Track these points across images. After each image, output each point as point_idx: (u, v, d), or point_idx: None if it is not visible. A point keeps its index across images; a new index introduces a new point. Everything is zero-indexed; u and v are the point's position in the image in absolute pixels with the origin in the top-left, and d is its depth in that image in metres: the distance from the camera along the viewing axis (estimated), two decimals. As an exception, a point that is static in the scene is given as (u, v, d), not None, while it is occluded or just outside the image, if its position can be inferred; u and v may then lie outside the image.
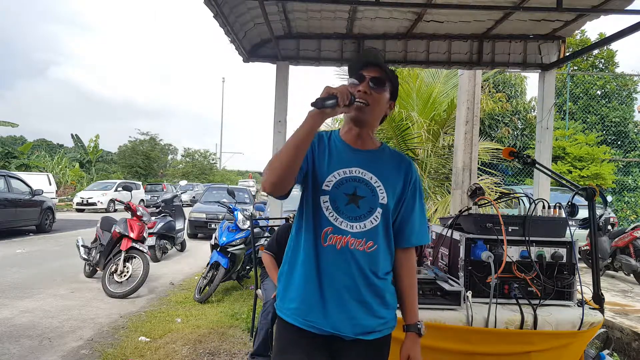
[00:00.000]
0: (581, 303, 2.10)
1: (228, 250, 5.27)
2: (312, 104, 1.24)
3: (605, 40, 4.68)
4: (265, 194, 1.34)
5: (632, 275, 6.25)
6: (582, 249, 6.63)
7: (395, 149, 1.59)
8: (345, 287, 1.37)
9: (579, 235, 2.82)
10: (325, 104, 1.23)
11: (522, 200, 2.40)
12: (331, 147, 1.46)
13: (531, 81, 18.53)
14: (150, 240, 7.44)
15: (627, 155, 12.94)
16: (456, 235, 2.27)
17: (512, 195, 3.12)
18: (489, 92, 13.42)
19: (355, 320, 1.37)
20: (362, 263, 1.39)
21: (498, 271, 2.05)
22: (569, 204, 2.21)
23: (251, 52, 4.43)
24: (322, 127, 1.49)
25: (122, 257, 5.52)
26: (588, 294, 2.18)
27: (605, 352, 2.38)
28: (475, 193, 2.46)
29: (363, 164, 1.45)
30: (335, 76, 15.62)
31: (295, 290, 1.40)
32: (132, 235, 5.62)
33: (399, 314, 1.52)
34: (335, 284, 1.37)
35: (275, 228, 3.32)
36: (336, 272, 1.37)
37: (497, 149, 8.97)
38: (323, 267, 1.38)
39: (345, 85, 1.31)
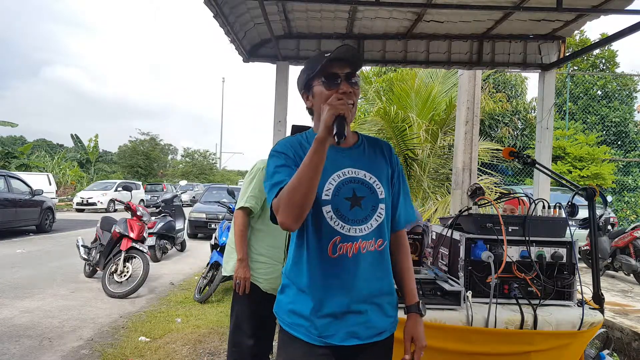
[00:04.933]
0: (581, 303, 2.09)
1: (228, 250, 5.27)
2: (339, 140, 1.16)
3: (605, 41, 4.68)
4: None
5: (632, 275, 6.26)
6: (582, 249, 6.63)
7: (370, 135, 1.55)
8: (362, 294, 1.34)
9: (579, 235, 2.82)
10: (345, 132, 1.17)
11: (522, 200, 2.40)
12: None
13: (531, 81, 18.54)
14: (150, 240, 7.45)
15: (627, 155, 12.94)
16: (456, 235, 2.27)
17: (512, 195, 3.12)
18: (489, 92, 13.42)
19: (369, 323, 1.36)
20: (375, 264, 1.37)
21: (498, 271, 2.05)
22: (569, 204, 2.21)
23: (251, 52, 4.42)
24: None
25: (122, 257, 5.52)
26: (588, 294, 2.18)
27: (605, 352, 2.38)
28: (475, 193, 2.46)
29: (353, 163, 1.40)
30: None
31: (308, 308, 1.32)
32: (132, 235, 5.62)
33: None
34: (352, 294, 1.33)
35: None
36: (352, 281, 1.33)
37: (497, 149, 8.97)
38: (335, 280, 1.32)
39: (340, 99, 1.22)
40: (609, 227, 6.77)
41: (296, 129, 2.67)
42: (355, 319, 1.33)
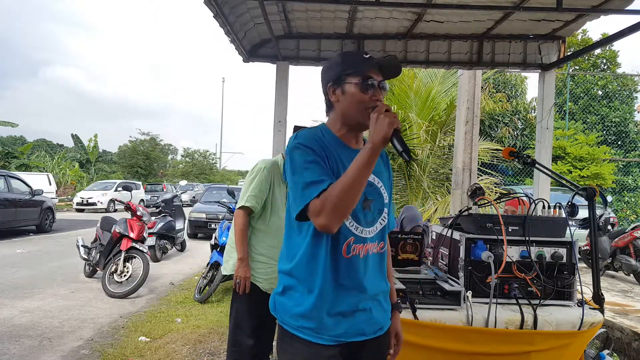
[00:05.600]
0: (581, 303, 2.10)
1: (228, 250, 5.26)
2: (410, 158, 1.21)
3: (605, 41, 4.68)
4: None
5: (632, 275, 6.26)
6: (582, 249, 6.63)
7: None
8: (370, 294, 1.38)
9: (579, 235, 2.83)
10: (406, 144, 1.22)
11: (522, 200, 2.40)
12: (336, 152, 1.37)
13: (531, 81, 18.55)
14: (150, 240, 7.45)
15: (627, 155, 12.94)
16: (456, 235, 2.27)
17: (512, 195, 3.12)
18: (489, 92, 13.42)
19: (373, 320, 1.39)
20: (379, 265, 1.42)
21: (498, 271, 2.05)
22: (569, 204, 2.21)
23: (251, 52, 4.42)
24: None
25: (122, 257, 5.52)
26: (588, 294, 2.19)
27: (605, 352, 2.38)
28: (475, 193, 2.46)
29: None
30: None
31: (317, 308, 1.32)
32: (132, 235, 5.62)
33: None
34: (362, 294, 1.36)
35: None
36: (362, 281, 1.35)
37: (497, 149, 8.97)
38: (347, 280, 1.34)
39: (389, 110, 1.23)
40: (609, 227, 6.77)
41: (298, 130, 2.68)
42: (362, 316, 1.37)
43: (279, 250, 2.46)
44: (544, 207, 2.34)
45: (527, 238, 2.14)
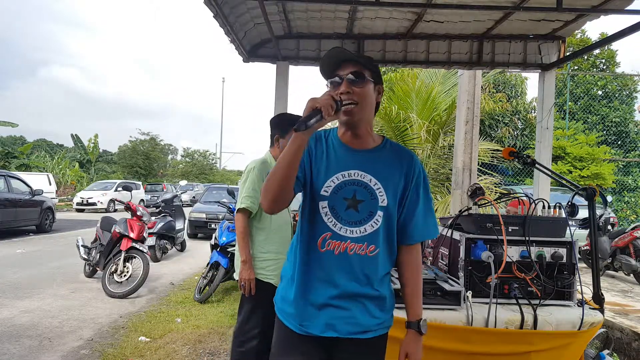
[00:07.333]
0: (581, 303, 2.09)
1: (228, 250, 5.26)
2: (296, 129, 1.18)
3: (605, 40, 4.68)
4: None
5: (632, 275, 6.26)
6: (582, 249, 6.63)
7: (398, 143, 1.55)
8: (343, 291, 1.37)
9: (579, 235, 2.82)
10: (308, 124, 1.18)
11: (522, 200, 2.40)
12: (329, 150, 1.42)
13: (531, 81, 18.55)
14: (150, 240, 7.44)
15: (627, 155, 12.95)
16: (456, 235, 2.27)
17: (512, 195, 3.11)
18: (489, 92, 13.42)
19: (352, 320, 1.38)
20: (361, 267, 1.38)
21: (498, 271, 2.05)
22: (569, 204, 2.21)
23: (251, 52, 4.43)
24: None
25: (122, 257, 5.52)
26: (588, 294, 2.18)
27: (605, 352, 2.38)
28: (475, 193, 2.46)
29: (362, 166, 1.41)
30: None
31: (293, 295, 1.41)
32: (132, 235, 5.62)
33: (396, 313, 1.53)
34: (333, 289, 1.37)
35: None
36: (334, 277, 1.37)
37: (497, 149, 8.97)
38: (320, 272, 1.38)
39: (328, 93, 1.28)
40: (609, 227, 6.77)
41: (286, 118, 2.72)
42: (335, 312, 1.37)
43: (285, 244, 2.48)
44: (544, 207, 2.34)
45: (527, 238, 2.14)
